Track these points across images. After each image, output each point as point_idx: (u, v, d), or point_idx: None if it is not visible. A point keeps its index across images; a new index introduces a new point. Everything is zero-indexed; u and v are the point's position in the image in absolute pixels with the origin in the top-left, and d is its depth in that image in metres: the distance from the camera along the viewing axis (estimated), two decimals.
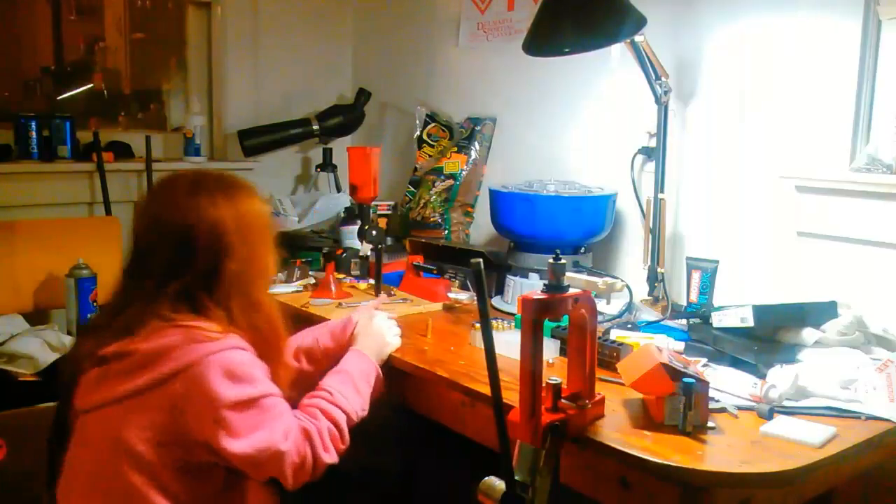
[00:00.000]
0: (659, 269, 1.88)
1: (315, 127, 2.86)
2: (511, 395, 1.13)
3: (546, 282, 1.13)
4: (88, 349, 1.20)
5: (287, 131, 2.83)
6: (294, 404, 1.28)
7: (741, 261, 1.83)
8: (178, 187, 1.25)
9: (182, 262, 1.20)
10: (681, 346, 1.54)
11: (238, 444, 1.14)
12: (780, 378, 1.29)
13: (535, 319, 1.07)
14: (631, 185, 2.03)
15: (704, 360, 1.48)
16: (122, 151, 2.66)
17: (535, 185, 2.00)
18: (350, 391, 1.35)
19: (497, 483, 1.05)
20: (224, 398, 1.13)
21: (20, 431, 1.80)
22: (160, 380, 1.13)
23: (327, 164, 2.96)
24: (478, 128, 2.48)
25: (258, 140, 2.78)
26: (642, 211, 1.99)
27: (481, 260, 0.98)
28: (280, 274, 2.13)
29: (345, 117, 2.91)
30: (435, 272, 1.99)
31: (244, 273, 1.24)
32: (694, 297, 1.73)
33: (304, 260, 2.24)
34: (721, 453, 1.11)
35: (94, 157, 2.51)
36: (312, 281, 2.08)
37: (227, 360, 1.15)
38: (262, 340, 1.24)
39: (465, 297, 1.89)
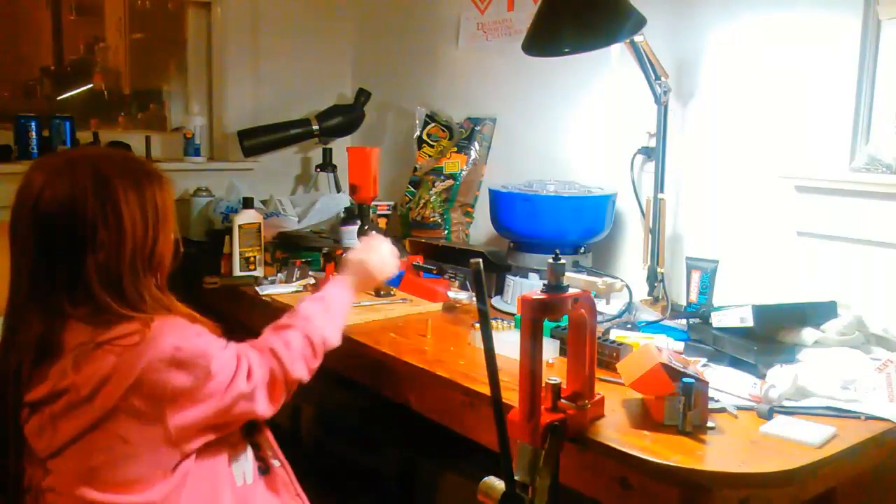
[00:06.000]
0: (659, 269, 1.87)
1: (315, 127, 2.86)
2: (511, 395, 1.13)
3: (546, 282, 1.13)
4: (15, 388, 1.13)
5: (287, 131, 2.83)
6: None
7: (741, 261, 1.83)
8: (66, 171, 1.15)
9: (79, 260, 1.12)
10: (680, 346, 1.54)
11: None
12: (780, 378, 1.29)
13: (534, 319, 1.07)
14: (631, 185, 2.03)
15: (704, 360, 1.48)
16: None
17: (535, 185, 1.99)
18: (323, 318, 1.34)
19: (497, 483, 1.05)
20: (182, 386, 1.10)
21: None
22: (118, 403, 1.08)
23: (327, 165, 2.96)
24: (478, 128, 2.48)
25: (258, 140, 2.78)
26: (642, 211, 1.99)
27: (481, 260, 0.98)
28: (280, 274, 2.13)
29: (345, 117, 2.91)
30: (435, 272, 1.99)
31: (147, 251, 1.17)
32: (694, 297, 1.73)
33: (304, 260, 2.24)
34: (721, 453, 1.11)
35: None
36: (312, 281, 2.08)
37: (166, 354, 1.09)
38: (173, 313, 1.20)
39: (464, 297, 1.89)
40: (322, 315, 1.35)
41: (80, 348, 1.10)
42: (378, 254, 1.54)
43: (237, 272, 2.11)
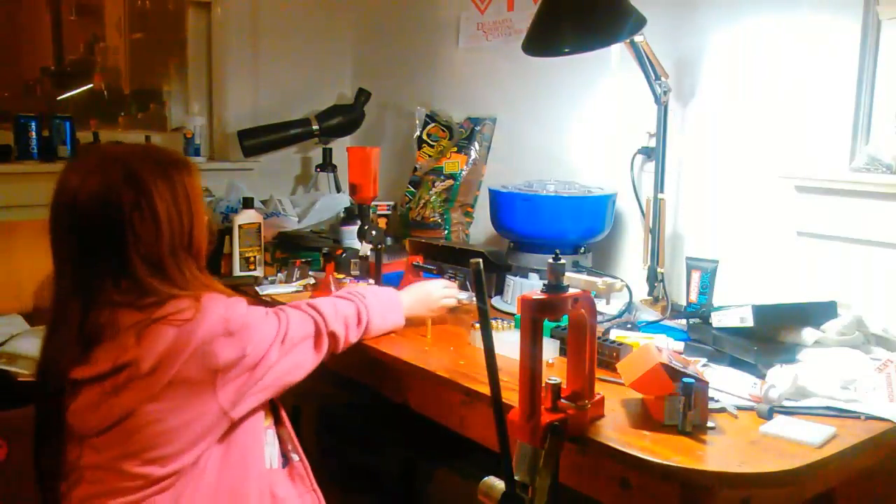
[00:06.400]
0: (659, 269, 1.87)
1: (315, 127, 2.86)
2: (511, 395, 1.13)
3: (546, 282, 1.13)
4: (62, 370, 1.20)
5: (287, 131, 2.83)
6: None
7: (741, 261, 1.83)
8: (98, 170, 1.21)
9: (122, 251, 1.19)
10: (680, 346, 1.54)
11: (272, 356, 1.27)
12: (780, 378, 1.29)
13: (534, 319, 1.07)
14: (631, 185, 2.03)
15: (704, 360, 1.48)
16: None
17: (535, 185, 1.99)
18: (377, 311, 1.54)
19: (497, 483, 1.05)
20: (231, 355, 1.19)
21: (20, 431, 1.80)
22: (175, 374, 1.15)
23: (327, 165, 2.96)
24: (478, 128, 2.48)
25: (258, 140, 2.78)
26: (642, 211, 1.99)
27: (481, 260, 0.98)
28: (280, 274, 2.13)
29: (345, 117, 2.91)
30: (435, 272, 1.99)
31: (186, 238, 1.25)
32: (694, 297, 1.73)
33: (304, 260, 2.24)
34: (721, 453, 1.11)
35: None
36: (312, 281, 2.08)
37: (219, 325, 1.18)
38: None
39: (465, 297, 1.89)
40: (378, 309, 1.55)
41: (138, 325, 1.16)
42: (444, 303, 1.73)
43: (237, 272, 2.11)
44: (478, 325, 1.55)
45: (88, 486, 1.20)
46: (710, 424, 1.18)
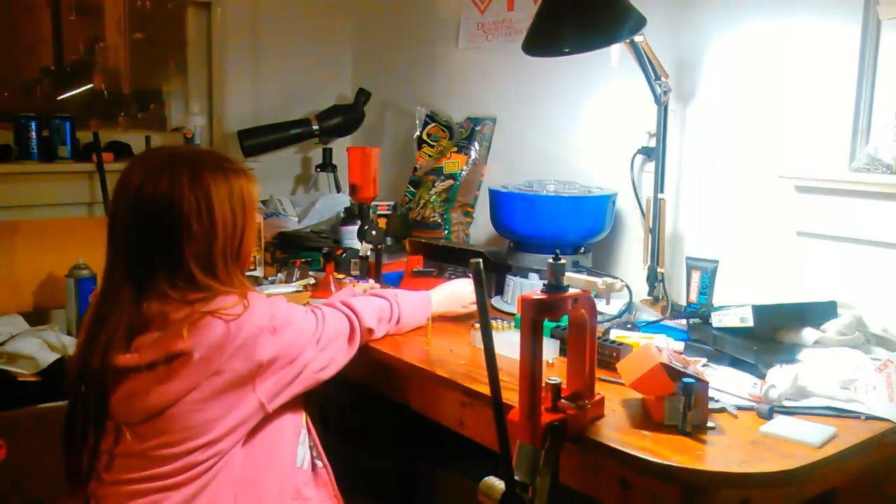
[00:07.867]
0: (659, 269, 1.88)
1: (315, 127, 2.86)
2: (511, 395, 1.13)
3: (546, 282, 1.13)
4: (108, 357, 1.22)
5: (287, 131, 2.84)
6: None
7: (741, 261, 1.83)
8: (165, 168, 1.25)
9: (178, 248, 1.23)
10: (680, 346, 1.54)
11: (310, 351, 1.33)
12: (780, 378, 1.29)
13: (534, 319, 1.07)
14: (631, 185, 2.03)
15: (704, 360, 1.48)
16: (122, 151, 2.66)
17: (535, 185, 1.99)
18: (408, 307, 1.61)
19: (497, 483, 1.05)
20: (273, 350, 1.25)
21: (20, 431, 1.80)
22: (221, 366, 1.20)
23: (327, 165, 2.97)
24: (477, 128, 2.48)
25: (258, 140, 2.78)
26: (642, 211, 1.99)
27: (481, 260, 0.98)
28: (280, 274, 2.13)
29: (345, 117, 2.91)
30: (435, 273, 1.99)
31: (237, 242, 1.29)
32: (694, 297, 1.73)
33: (303, 260, 2.24)
34: (721, 453, 1.11)
35: (94, 158, 2.51)
36: (312, 281, 2.08)
37: (266, 321, 1.24)
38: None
39: None
40: (408, 308, 1.61)
41: (189, 317, 1.20)
42: (462, 289, 1.77)
43: None
44: (478, 325, 1.55)
45: (122, 473, 1.23)
46: (710, 424, 1.18)
